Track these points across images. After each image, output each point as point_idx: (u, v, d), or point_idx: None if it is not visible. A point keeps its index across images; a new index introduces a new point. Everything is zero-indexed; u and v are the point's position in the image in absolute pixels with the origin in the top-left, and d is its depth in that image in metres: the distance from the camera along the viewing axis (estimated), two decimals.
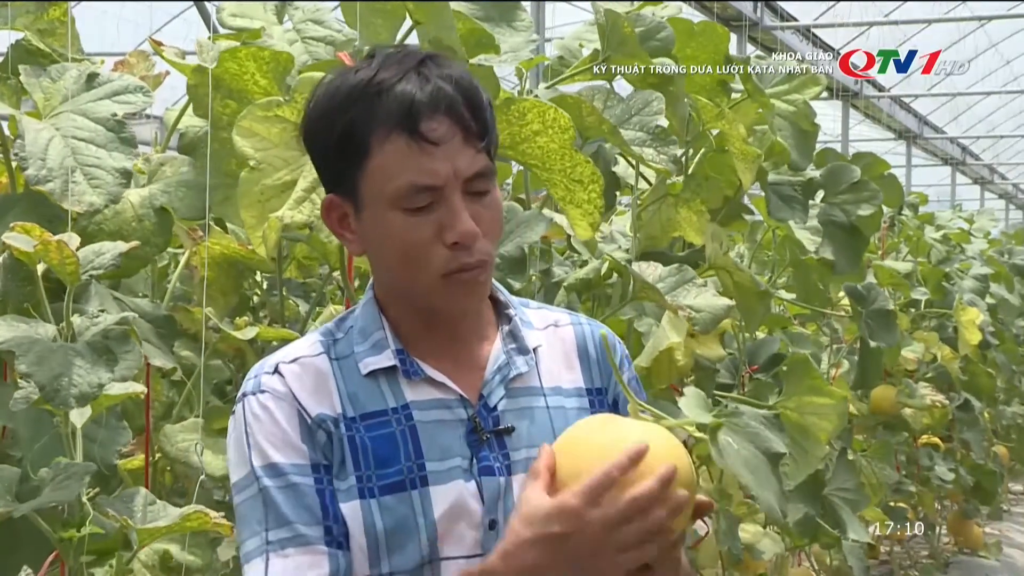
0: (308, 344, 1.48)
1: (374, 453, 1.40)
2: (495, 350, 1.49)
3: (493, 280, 1.54)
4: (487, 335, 1.50)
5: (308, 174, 2.08)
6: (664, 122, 2.74)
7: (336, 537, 1.38)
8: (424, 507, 1.39)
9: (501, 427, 1.44)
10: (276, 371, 1.43)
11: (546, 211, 3.06)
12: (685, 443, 1.36)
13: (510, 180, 3.77)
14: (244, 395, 1.44)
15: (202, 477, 2.29)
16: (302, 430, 1.40)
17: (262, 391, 1.42)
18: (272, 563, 1.37)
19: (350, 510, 1.39)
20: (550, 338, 1.54)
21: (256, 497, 1.40)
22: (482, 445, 1.43)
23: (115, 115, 2.16)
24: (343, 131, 1.38)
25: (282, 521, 1.38)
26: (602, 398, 1.54)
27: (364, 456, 1.40)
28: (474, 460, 1.42)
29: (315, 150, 1.45)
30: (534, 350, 1.51)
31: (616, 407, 1.55)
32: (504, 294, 1.54)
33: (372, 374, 1.44)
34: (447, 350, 1.47)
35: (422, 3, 2.31)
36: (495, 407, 1.45)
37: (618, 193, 3.39)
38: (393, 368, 1.44)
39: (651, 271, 2.74)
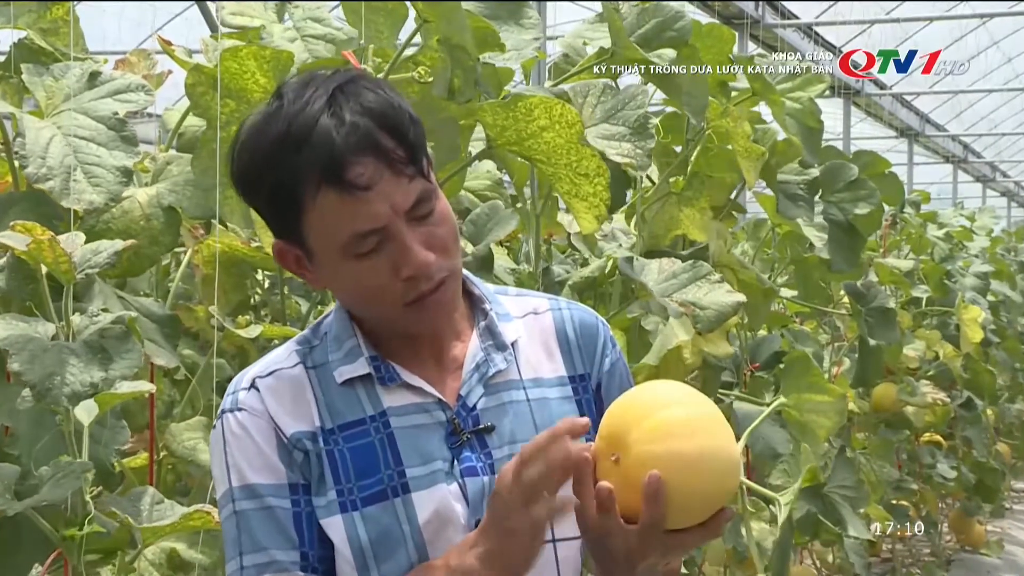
0: (286, 354, 1.47)
1: (353, 465, 1.39)
2: (472, 348, 1.47)
3: (467, 273, 1.52)
4: (463, 332, 1.49)
5: None
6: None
7: (312, 563, 1.38)
8: (408, 514, 1.38)
9: (481, 426, 1.43)
10: (253, 386, 1.43)
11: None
12: None
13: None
14: (223, 412, 1.43)
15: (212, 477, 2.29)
16: (279, 449, 1.40)
17: (239, 409, 1.42)
18: None
19: (332, 525, 1.38)
20: (529, 327, 1.53)
21: (231, 519, 1.40)
22: (463, 446, 1.42)
23: (116, 114, 2.15)
24: (273, 188, 1.35)
25: (257, 546, 1.38)
26: (585, 384, 1.53)
27: (344, 469, 1.39)
28: (455, 462, 1.41)
29: (249, 201, 1.43)
30: (512, 344, 1.49)
31: (599, 391, 1.53)
32: (479, 287, 1.52)
33: (348, 382, 1.43)
34: (422, 352, 1.46)
35: (433, 3, 2.31)
36: (474, 407, 1.44)
37: (630, 192, 3.38)
38: (369, 375, 1.43)
39: (668, 267, 2.73)
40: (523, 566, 1.30)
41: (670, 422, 1.28)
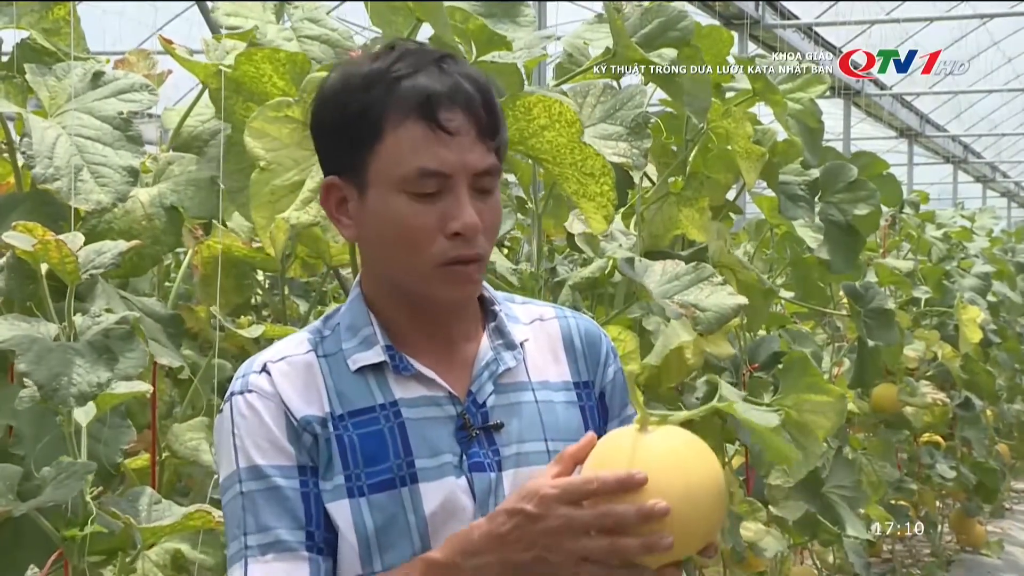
0: (296, 342, 1.48)
1: (362, 451, 1.40)
2: (482, 346, 1.49)
3: None
4: (473, 332, 1.50)
5: (316, 174, 2.07)
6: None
7: (317, 543, 1.39)
8: (414, 504, 1.39)
9: (490, 423, 1.45)
10: (264, 370, 1.43)
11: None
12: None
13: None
14: (232, 394, 1.44)
15: (214, 476, 2.29)
16: (288, 431, 1.40)
17: (249, 391, 1.42)
18: (251, 569, 1.37)
19: (339, 509, 1.39)
20: (536, 332, 1.55)
21: (237, 500, 1.40)
22: (471, 441, 1.43)
23: (121, 113, 2.16)
24: (357, 112, 1.39)
25: (262, 526, 1.38)
26: (589, 391, 1.54)
27: (352, 455, 1.40)
28: (464, 456, 1.42)
29: (323, 131, 1.45)
30: (521, 344, 1.51)
31: (603, 399, 1.55)
32: (489, 290, 1.54)
33: (361, 371, 1.44)
34: (435, 347, 1.47)
35: (421, 3, 2.31)
36: (484, 403, 1.46)
37: (629, 192, 3.38)
38: (381, 364, 1.44)
39: (672, 268, 2.74)
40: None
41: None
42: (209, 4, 4.92)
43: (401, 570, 1.36)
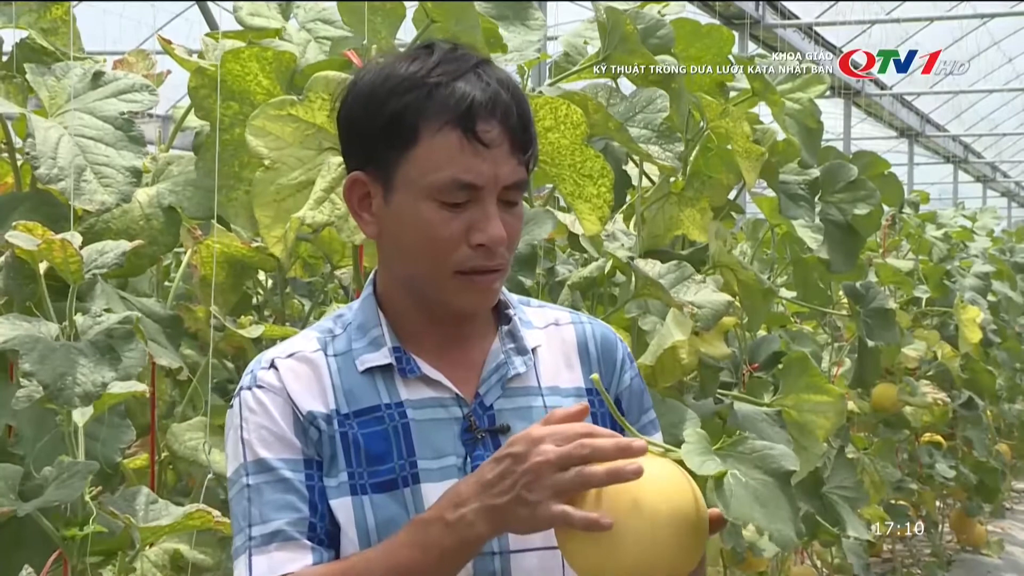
0: (306, 340, 1.48)
1: (366, 450, 1.41)
2: (493, 349, 1.49)
3: None
4: (485, 334, 1.51)
5: (326, 174, 2.06)
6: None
7: (319, 534, 1.39)
8: (416, 505, 1.39)
9: (496, 426, 1.45)
10: (272, 366, 1.45)
11: (548, 208, 3.06)
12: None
13: None
14: (240, 389, 1.45)
15: (210, 475, 2.29)
16: (295, 425, 1.41)
17: (258, 386, 1.43)
18: (255, 560, 1.38)
19: (341, 506, 1.39)
20: (550, 337, 1.54)
21: (243, 492, 1.41)
22: (477, 444, 1.43)
23: (123, 114, 2.16)
24: (394, 114, 1.39)
25: (266, 517, 1.39)
26: (603, 398, 1.54)
27: (356, 453, 1.41)
28: (468, 459, 1.42)
29: (353, 128, 1.45)
30: (533, 350, 1.51)
31: (619, 406, 1.54)
32: (504, 293, 1.54)
33: (369, 371, 1.45)
34: (445, 348, 1.47)
35: (444, 3, 2.30)
36: (491, 406, 1.46)
37: (628, 192, 3.38)
38: (389, 366, 1.45)
39: (650, 268, 2.74)
40: (528, 530, 1.30)
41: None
42: (211, 5, 4.92)
43: (393, 536, 1.36)
